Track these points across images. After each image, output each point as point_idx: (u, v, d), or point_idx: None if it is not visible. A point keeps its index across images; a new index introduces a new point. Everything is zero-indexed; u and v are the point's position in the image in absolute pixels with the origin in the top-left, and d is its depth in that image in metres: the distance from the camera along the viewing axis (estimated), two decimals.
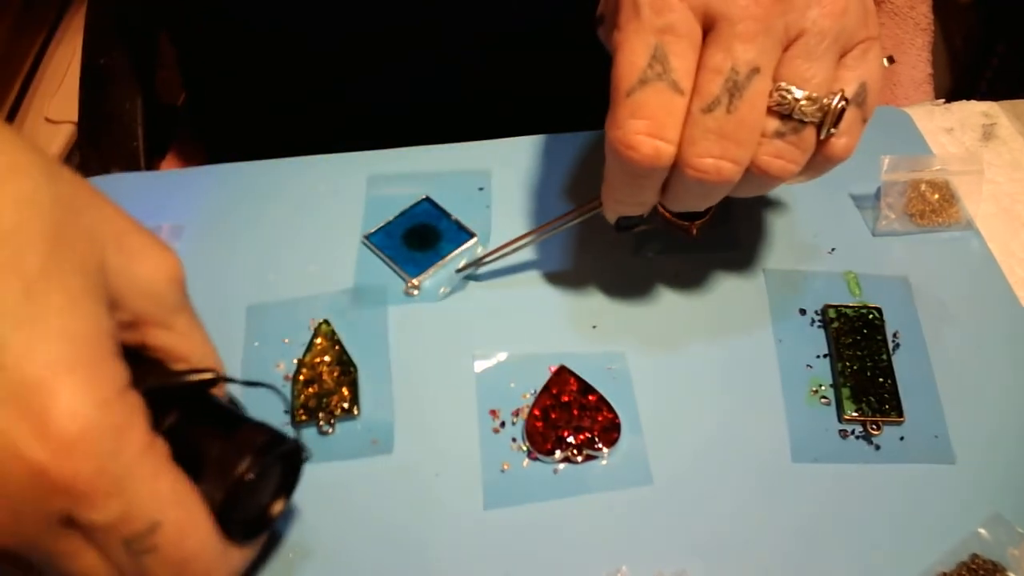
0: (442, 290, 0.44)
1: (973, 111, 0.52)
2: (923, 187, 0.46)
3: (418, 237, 0.46)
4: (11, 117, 0.90)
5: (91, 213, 0.28)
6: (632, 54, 0.32)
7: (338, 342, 0.42)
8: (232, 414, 0.32)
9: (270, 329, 0.43)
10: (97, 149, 0.63)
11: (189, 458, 0.29)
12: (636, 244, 0.46)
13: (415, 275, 0.45)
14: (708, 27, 0.31)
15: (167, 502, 0.26)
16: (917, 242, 0.46)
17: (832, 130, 0.33)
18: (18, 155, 0.26)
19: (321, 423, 0.39)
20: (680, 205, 0.36)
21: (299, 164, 0.51)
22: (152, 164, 0.65)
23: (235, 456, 0.29)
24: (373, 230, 0.47)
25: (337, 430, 0.40)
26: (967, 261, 0.45)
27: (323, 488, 0.38)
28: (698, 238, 0.45)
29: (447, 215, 0.47)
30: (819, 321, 0.43)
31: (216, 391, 0.33)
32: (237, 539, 0.30)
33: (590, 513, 0.37)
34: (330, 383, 0.40)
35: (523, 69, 0.56)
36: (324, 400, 0.40)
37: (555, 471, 0.38)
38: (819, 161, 0.34)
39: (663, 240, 0.46)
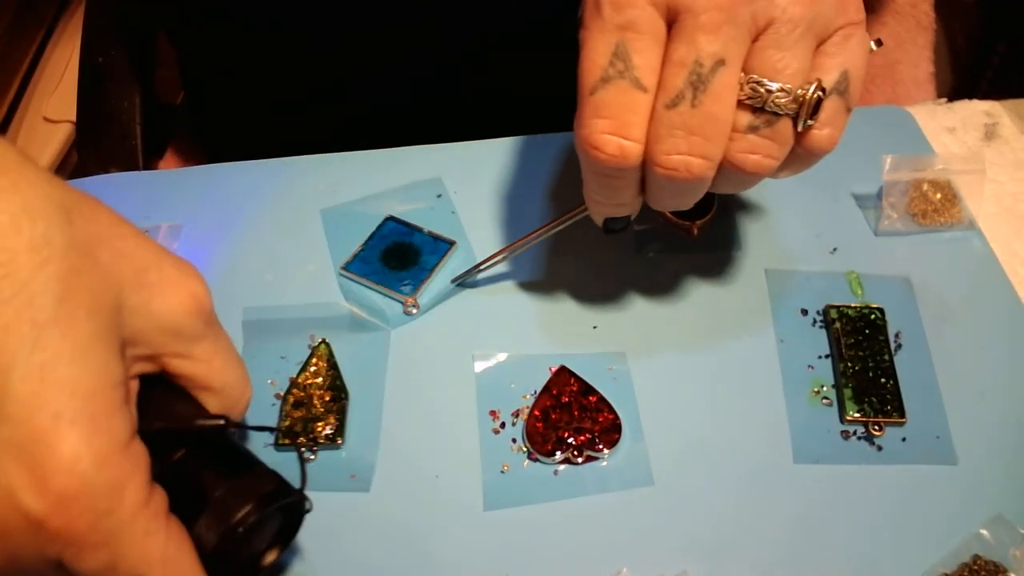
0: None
1: (975, 110, 0.52)
2: (925, 187, 0.46)
3: (396, 256, 0.45)
4: (9, 116, 0.90)
5: (109, 251, 0.27)
6: (594, 52, 0.31)
7: (334, 365, 0.41)
8: (243, 457, 0.31)
9: (268, 342, 0.42)
10: (95, 148, 0.62)
11: (191, 494, 0.28)
12: (636, 244, 0.46)
13: (410, 293, 0.44)
14: (672, 20, 0.31)
15: (153, 560, 0.26)
16: (919, 242, 0.46)
17: (810, 121, 0.32)
18: (33, 195, 0.26)
19: (303, 449, 0.38)
20: (661, 204, 0.35)
21: (298, 164, 0.51)
22: (150, 163, 0.64)
23: (237, 502, 0.29)
24: (348, 260, 0.45)
25: (319, 457, 0.39)
26: (969, 261, 0.45)
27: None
28: (699, 238, 0.45)
29: (418, 229, 0.46)
30: (821, 321, 0.43)
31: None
32: None
33: (591, 514, 0.37)
34: (319, 408, 0.39)
35: (523, 69, 0.56)
36: (309, 425, 0.39)
37: (555, 472, 0.38)
38: (802, 154, 0.33)
39: (663, 240, 0.46)
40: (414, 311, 0.43)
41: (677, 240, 0.45)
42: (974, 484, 0.37)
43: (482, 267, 0.43)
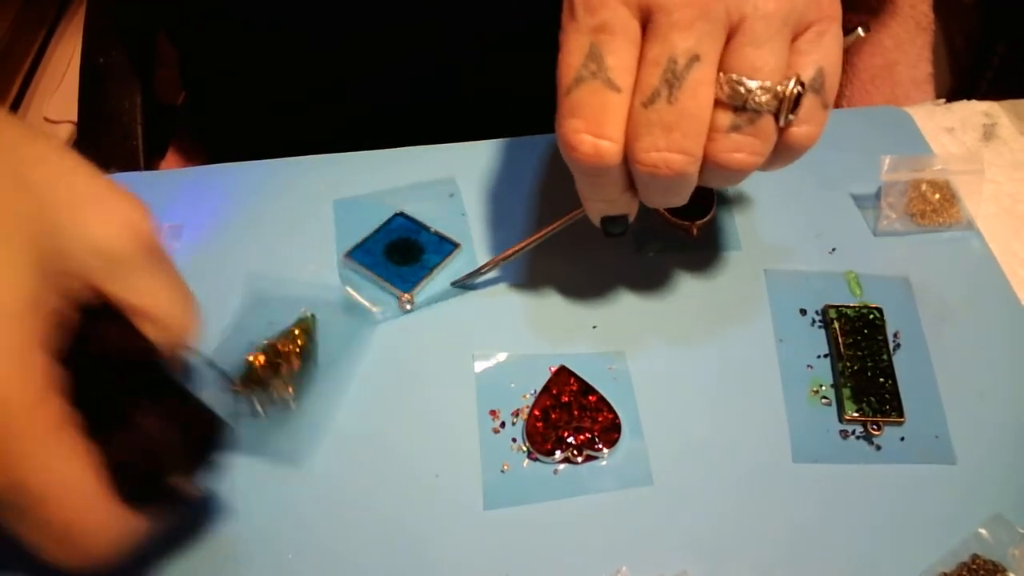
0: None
1: (974, 111, 0.52)
2: (924, 187, 0.46)
3: (399, 252, 0.46)
4: None
5: (41, 174, 0.28)
6: (568, 54, 0.32)
7: (314, 340, 0.41)
8: (171, 386, 0.31)
9: (263, 311, 0.42)
10: (96, 149, 0.63)
11: (112, 418, 0.28)
12: (636, 244, 0.46)
13: (407, 290, 0.44)
14: (646, 20, 0.31)
15: (59, 481, 0.26)
16: (918, 242, 0.46)
17: (791, 116, 0.32)
18: None
19: (256, 403, 0.38)
20: (653, 201, 0.35)
21: (299, 164, 0.51)
22: (151, 164, 0.65)
23: (157, 426, 0.29)
24: (352, 248, 0.46)
25: (268, 417, 0.39)
26: (968, 261, 0.45)
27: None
28: (698, 238, 0.45)
29: (425, 227, 0.47)
30: (820, 321, 0.43)
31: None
32: (135, 502, 0.29)
33: (590, 513, 0.37)
34: (285, 372, 0.39)
35: (523, 69, 0.56)
36: (273, 380, 0.39)
37: (555, 471, 0.38)
38: (782, 150, 0.34)
39: (663, 240, 0.46)
40: (408, 307, 0.44)
41: (677, 240, 0.46)
42: (973, 483, 0.37)
43: (483, 271, 0.44)
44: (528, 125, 0.52)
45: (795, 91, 0.31)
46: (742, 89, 0.31)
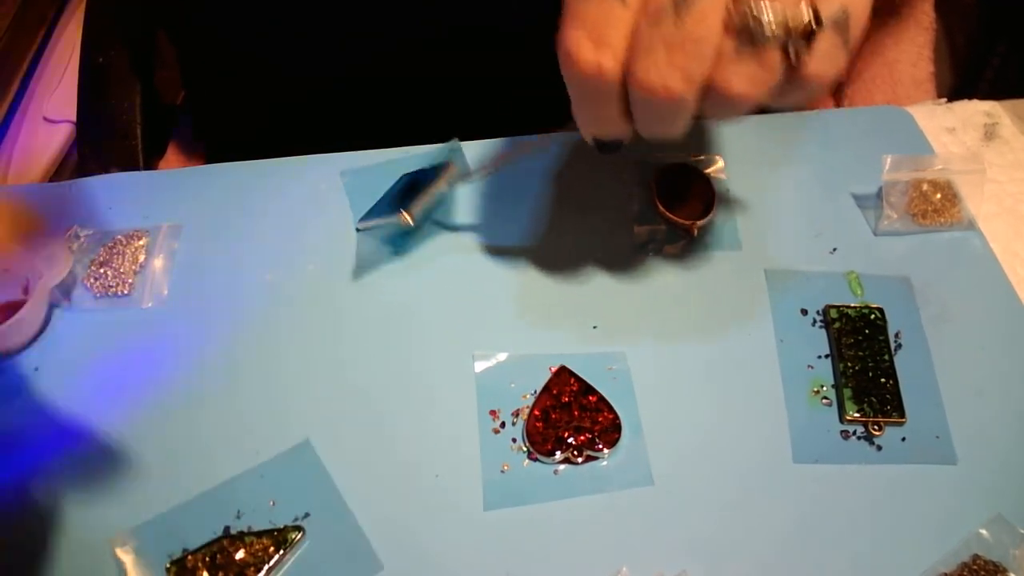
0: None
1: (975, 110, 0.52)
2: (925, 187, 0.46)
3: (406, 193, 0.45)
4: (10, 116, 0.90)
5: None
6: None
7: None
8: None
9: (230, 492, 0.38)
10: (96, 148, 0.62)
11: None
12: (636, 244, 0.46)
13: (406, 208, 0.43)
14: None
15: None
16: (919, 242, 0.46)
17: (803, 52, 0.31)
18: None
19: None
20: (647, 129, 0.34)
21: (298, 164, 0.51)
22: (151, 163, 0.64)
23: None
24: (365, 214, 0.46)
25: None
26: (969, 261, 0.45)
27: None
28: (698, 238, 0.45)
29: (428, 169, 0.46)
30: (820, 321, 0.43)
31: None
32: None
33: (590, 514, 0.37)
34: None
35: (523, 69, 0.56)
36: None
37: (555, 472, 0.38)
38: (793, 86, 0.32)
39: (663, 240, 0.46)
40: (410, 222, 0.43)
41: (677, 240, 0.45)
42: (974, 484, 0.37)
43: (482, 172, 0.44)
44: (529, 125, 0.52)
45: (807, 23, 0.30)
46: (750, 16, 0.30)
